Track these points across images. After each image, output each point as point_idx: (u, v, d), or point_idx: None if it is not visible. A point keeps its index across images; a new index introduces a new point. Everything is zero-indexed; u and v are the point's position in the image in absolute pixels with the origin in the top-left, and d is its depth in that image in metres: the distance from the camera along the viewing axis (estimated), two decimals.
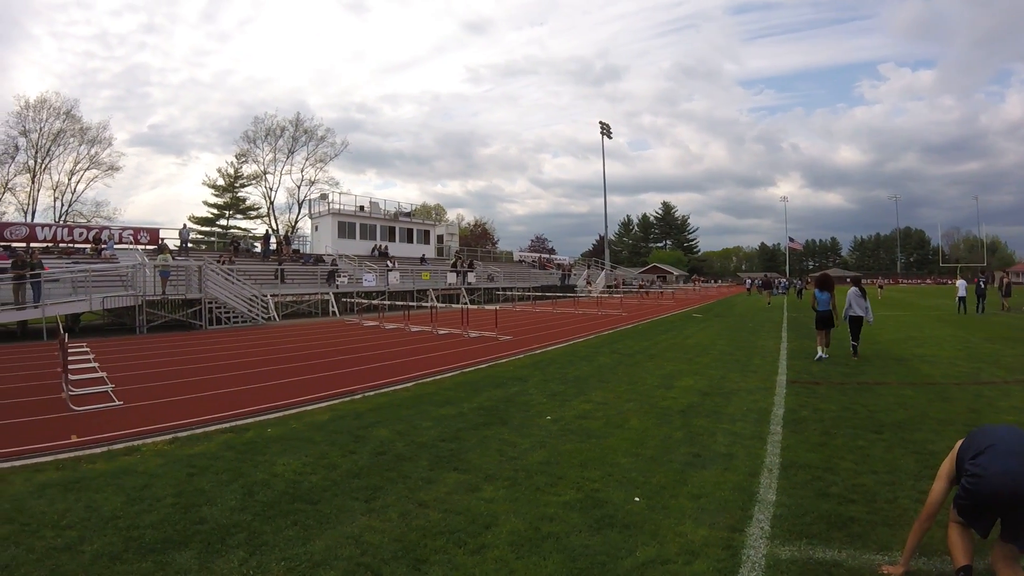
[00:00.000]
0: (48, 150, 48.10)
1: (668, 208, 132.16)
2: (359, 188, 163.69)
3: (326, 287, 27.93)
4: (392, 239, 41.81)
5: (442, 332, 16.83)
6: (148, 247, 27.05)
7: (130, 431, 6.23)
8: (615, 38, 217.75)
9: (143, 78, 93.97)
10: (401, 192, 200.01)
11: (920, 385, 8.67)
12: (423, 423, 6.56)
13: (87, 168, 50.70)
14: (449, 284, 35.81)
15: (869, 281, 62.77)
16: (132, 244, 27.53)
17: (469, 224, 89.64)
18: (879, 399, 7.67)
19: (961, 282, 26.31)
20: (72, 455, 5.41)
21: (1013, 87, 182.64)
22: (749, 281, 65.09)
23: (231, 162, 62.07)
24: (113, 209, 53.56)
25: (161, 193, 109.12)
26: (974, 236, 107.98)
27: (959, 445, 3.13)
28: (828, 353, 11.61)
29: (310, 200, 49.24)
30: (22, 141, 46.81)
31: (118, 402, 7.67)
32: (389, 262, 35.05)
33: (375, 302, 24.40)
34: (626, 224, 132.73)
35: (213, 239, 51.29)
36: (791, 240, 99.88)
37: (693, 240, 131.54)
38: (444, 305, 23.57)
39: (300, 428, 6.36)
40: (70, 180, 50.11)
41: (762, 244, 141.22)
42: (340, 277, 29.26)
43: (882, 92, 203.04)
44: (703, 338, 15.67)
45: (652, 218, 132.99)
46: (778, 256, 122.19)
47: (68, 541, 3.57)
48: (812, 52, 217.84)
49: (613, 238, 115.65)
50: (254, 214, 64.02)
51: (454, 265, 39.56)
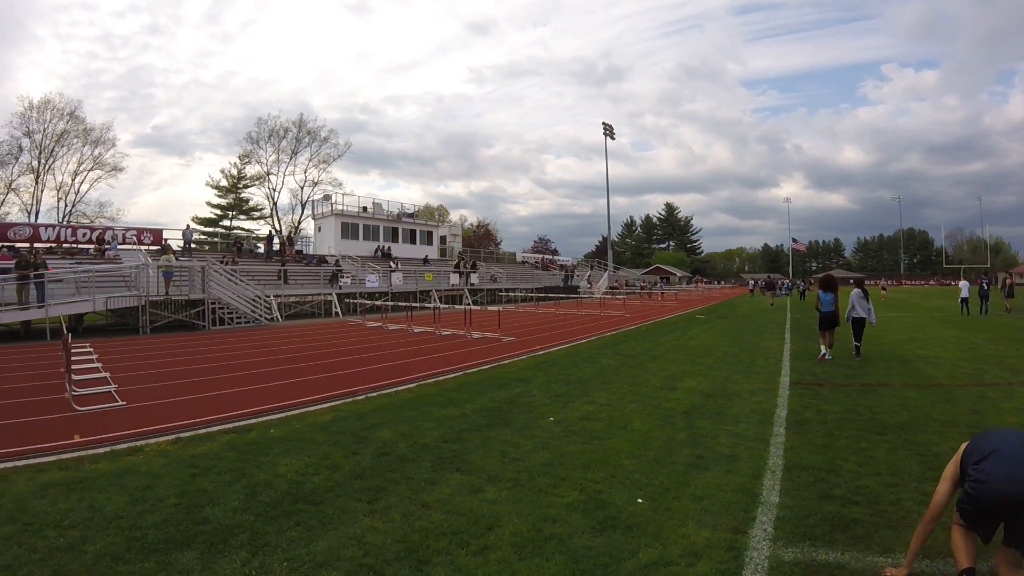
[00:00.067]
0: (52, 151, 48.19)
1: (671, 209, 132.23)
2: (362, 189, 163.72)
3: (329, 288, 27.94)
4: (395, 240, 41.83)
5: (445, 333, 16.84)
6: (151, 248, 27.09)
7: (133, 431, 6.24)
8: (618, 38, 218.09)
9: (146, 79, 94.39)
10: (404, 193, 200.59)
11: (924, 387, 8.65)
12: (426, 424, 6.56)
13: (91, 169, 50.79)
14: (452, 285, 35.83)
15: (872, 282, 62.59)
16: (135, 245, 27.57)
17: (472, 225, 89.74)
18: (882, 401, 7.65)
19: (964, 283, 26.22)
20: (75, 455, 5.42)
21: (1017, 87, 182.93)
22: (752, 282, 64.93)
23: (234, 163, 61.96)
24: (117, 210, 53.52)
25: (164, 194, 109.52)
26: (978, 237, 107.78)
27: (963, 448, 3.11)
28: (832, 354, 11.60)
29: (313, 201, 49.35)
30: (26, 142, 46.92)
31: (121, 402, 7.68)
32: (392, 263, 35.06)
33: (378, 303, 24.42)
34: (629, 225, 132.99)
35: (216, 240, 51.25)
36: (794, 241, 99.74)
37: (696, 241, 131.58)
38: (447, 306, 23.57)
39: (303, 429, 6.36)
40: (74, 181, 50.21)
41: (765, 245, 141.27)
42: (343, 278, 29.29)
43: (885, 92, 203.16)
44: (706, 339, 15.65)
45: (655, 219, 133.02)
46: (781, 257, 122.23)
47: (71, 541, 3.58)
48: (815, 52, 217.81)
49: (616, 239, 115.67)
50: (257, 215, 63.98)
51: (457, 266, 39.54)
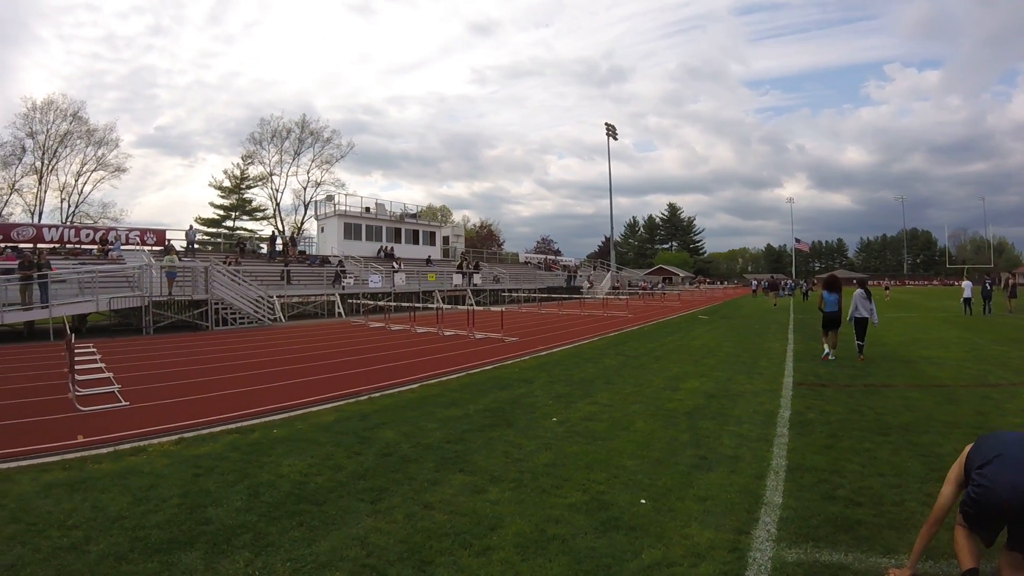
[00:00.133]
0: (55, 151, 48.34)
1: (674, 209, 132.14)
2: (365, 190, 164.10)
3: (332, 288, 27.98)
4: (398, 240, 41.84)
5: (448, 333, 16.85)
6: (155, 248, 27.23)
7: (136, 431, 6.25)
8: (621, 39, 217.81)
9: (150, 80, 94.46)
10: (407, 193, 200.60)
11: (927, 387, 8.63)
12: (429, 424, 6.56)
13: (94, 169, 50.99)
14: (455, 285, 35.85)
15: (875, 282, 62.42)
16: (139, 245, 27.63)
17: (475, 225, 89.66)
18: (886, 401, 7.63)
19: (967, 283, 26.16)
20: (78, 455, 5.43)
21: (1020, 87, 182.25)
22: (755, 282, 64.79)
23: (237, 163, 62.24)
24: (120, 210, 53.73)
25: (168, 194, 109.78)
26: (981, 237, 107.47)
27: (968, 450, 3.10)
28: (835, 355, 11.57)
29: (316, 201, 49.49)
30: (29, 143, 47.08)
31: (124, 402, 7.70)
32: (395, 263, 35.05)
33: (381, 303, 24.42)
34: (632, 225, 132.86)
35: (219, 240, 51.32)
36: (797, 241, 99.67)
37: (699, 241, 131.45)
38: (450, 306, 23.58)
39: (306, 429, 6.36)
40: (77, 181, 50.39)
41: (768, 245, 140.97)
42: (346, 278, 29.34)
43: (888, 92, 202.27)
44: (709, 340, 15.63)
45: (658, 219, 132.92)
46: (784, 257, 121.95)
47: (74, 541, 3.58)
48: (818, 53, 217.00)
49: (619, 239, 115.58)
50: (260, 215, 64.25)
51: (460, 266, 39.55)
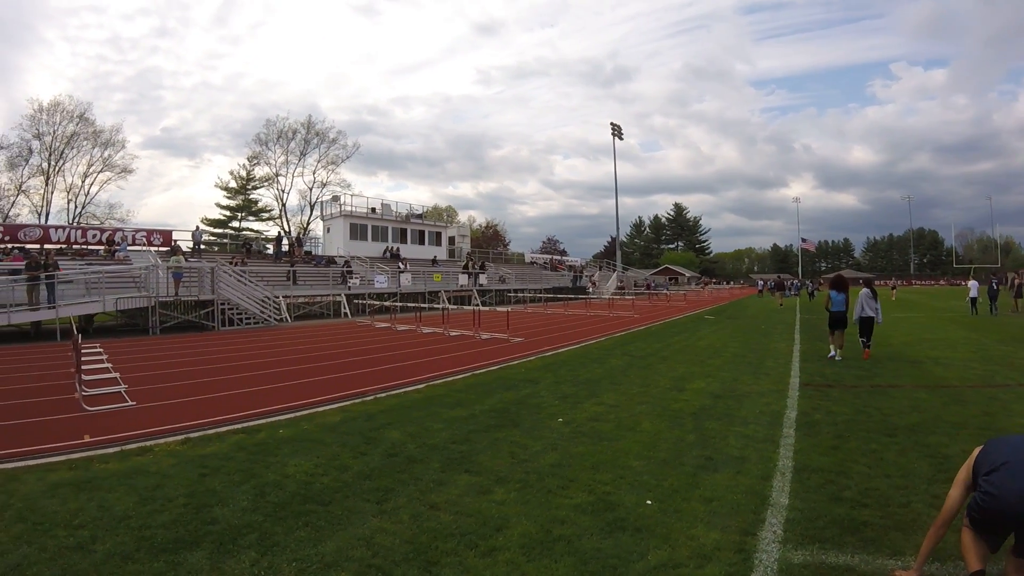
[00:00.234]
0: (61, 153, 48.69)
1: (680, 209, 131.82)
2: (371, 190, 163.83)
3: (338, 288, 28.04)
4: (404, 241, 41.88)
5: (454, 334, 16.85)
6: (161, 249, 27.26)
7: (143, 431, 6.27)
8: (625, 39, 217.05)
9: (156, 81, 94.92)
10: (413, 194, 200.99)
11: (934, 388, 8.58)
12: (434, 425, 6.56)
13: (100, 170, 51.36)
14: (461, 286, 35.84)
15: (882, 282, 62.14)
16: (145, 246, 27.71)
17: (480, 226, 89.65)
18: (892, 402, 7.59)
19: (973, 283, 26.04)
20: (85, 455, 5.45)
21: None
22: (761, 283, 64.58)
23: (243, 164, 62.47)
24: (126, 211, 54.40)
25: (174, 195, 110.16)
26: (988, 237, 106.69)
27: (976, 454, 3.07)
28: (842, 355, 11.52)
29: (322, 202, 49.44)
30: (36, 144, 47.45)
31: (131, 402, 7.73)
32: (401, 264, 35.10)
33: (387, 303, 24.45)
34: (638, 225, 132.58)
35: (225, 241, 51.60)
36: (803, 241, 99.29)
37: (705, 241, 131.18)
38: (456, 307, 23.58)
39: (312, 429, 6.38)
40: (83, 182, 50.78)
41: (774, 245, 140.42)
42: (352, 279, 29.38)
43: (894, 91, 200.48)
44: (715, 340, 15.58)
45: (664, 219, 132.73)
46: (790, 257, 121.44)
47: (80, 540, 3.60)
48: (823, 52, 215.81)
49: (625, 240, 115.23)
50: (266, 216, 64.48)
51: (466, 267, 39.54)
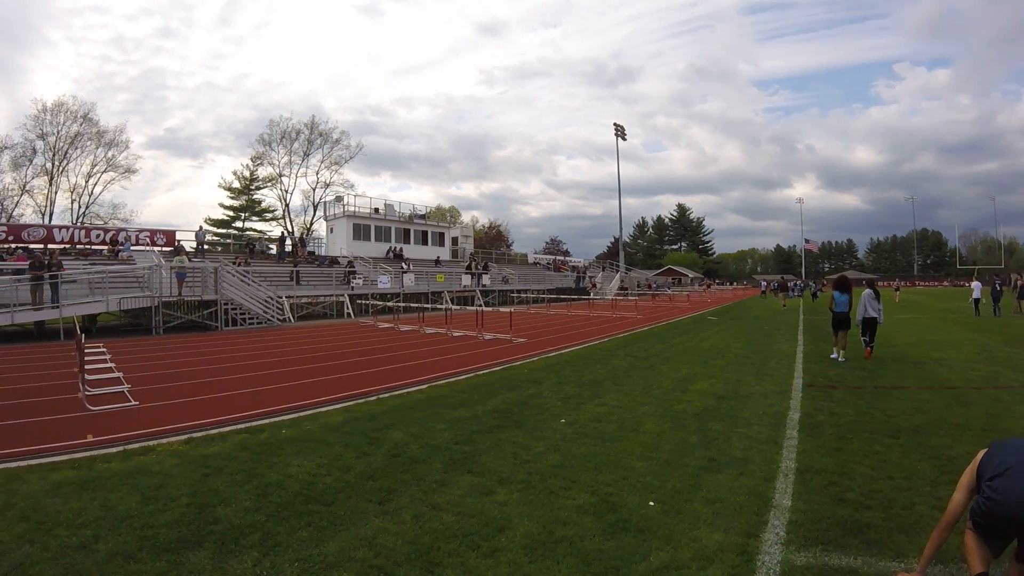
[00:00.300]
0: (65, 153, 48.71)
1: (683, 210, 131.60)
2: (374, 190, 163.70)
3: (341, 289, 28.07)
4: (407, 241, 41.94)
5: (457, 334, 16.86)
6: (164, 249, 27.32)
7: (145, 431, 6.28)
8: (629, 39, 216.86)
9: (159, 82, 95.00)
10: (416, 194, 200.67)
11: (937, 389, 8.55)
12: (437, 425, 6.56)
13: (104, 171, 51.30)
14: (464, 286, 35.85)
15: (885, 283, 61.99)
16: (149, 246, 27.81)
17: (484, 226, 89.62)
18: (896, 403, 7.56)
19: (976, 284, 26.06)
20: (88, 454, 5.46)
21: None
22: (764, 283, 64.44)
23: (247, 164, 62.41)
24: (130, 211, 54.10)
25: (177, 195, 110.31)
26: (992, 237, 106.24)
27: (980, 457, 3.04)
28: (845, 356, 11.49)
29: (325, 202, 49.44)
30: (40, 144, 47.44)
31: (134, 402, 7.74)
32: (404, 264, 35.14)
33: (390, 304, 24.48)
34: (641, 226, 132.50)
35: (229, 241, 51.75)
36: (807, 242, 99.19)
37: (708, 242, 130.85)
38: (459, 307, 23.60)
39: (314, 429, 6.38)
40: (87, 182, 50.75)
41: (778, 246, 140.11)
42: (355, 279, 29.41)
43: (898, 92, 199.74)
44: (718, 341, 15.56)
45: (667, 220, 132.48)
46: (794, 258, 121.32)
47: (82, 540, 3.60)
48: (827, 52, 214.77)
49: (628, 240, 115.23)
50: (269, 216, 64.39)
51: (469, 267, 39.55)
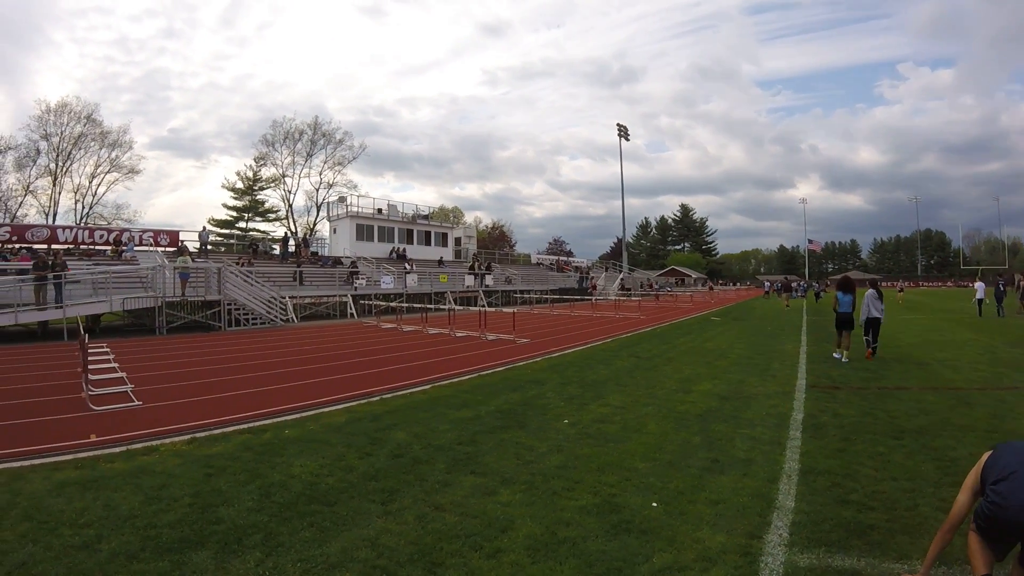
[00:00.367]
0: (69, 153, 48.70)
1: (686, 210, 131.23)
2: (377, 191, 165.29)
3: (344, 289, 28.09)
4: (410, 241, 41.94)
5: (460, 334, 16.86)
6: (168, 249, 27.44)
7: (149, 431, 6.29)
8: (631, 39, 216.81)
9: (163, 82, 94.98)
10: (419, 195, 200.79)
11: (941, 390, 8.52)
12: (440, 426, 6.56)
13: (108, 171, 51.28)
14: (467, 286, 35.88)
15: (889, 284, 61.85)
16: (152, 246, 27.85)
17: (487, 227, 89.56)
18: (900, 404, 7.54)
19: (980, 284, 26.06)
20: (91, 454, 5.48)
21: None
22: (767, 284, 64.32)
23: (250, 165, 62.40)
24: (133, 211, 54.08)
25: (181, 196, 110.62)
26: (995, 238, 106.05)
27: (985, 459, 3.03)
28: (848, 357, 11.46)
29: (328, 203, 49.65)
30: (43, 145, 47.45)
31: (137, 402, 7.76)
32: (407, 264, 35.12)
33: (393, 304, 24.49)
34: (644, 226, 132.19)
35: (232, 241, 51.66)
36: (810, 242, 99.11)
37: (711, 242, 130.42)
38: (462, 307, 23.61)
39: (317, 430, 6.38)
40: (91, 183, 50.74)
41: (781, 246, 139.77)
42: (358, 279, 29.44)
43: (901, 92, 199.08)
44: (722, 342, 15.53)
45: (670, 220, 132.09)
46: (797, 258, 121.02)
47: (85, 539, 3.61)
48: (830, 52, 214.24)
49: (631, 240, 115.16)
50: (273, 217, 64.45)
51: (472, 267, 39.58)
